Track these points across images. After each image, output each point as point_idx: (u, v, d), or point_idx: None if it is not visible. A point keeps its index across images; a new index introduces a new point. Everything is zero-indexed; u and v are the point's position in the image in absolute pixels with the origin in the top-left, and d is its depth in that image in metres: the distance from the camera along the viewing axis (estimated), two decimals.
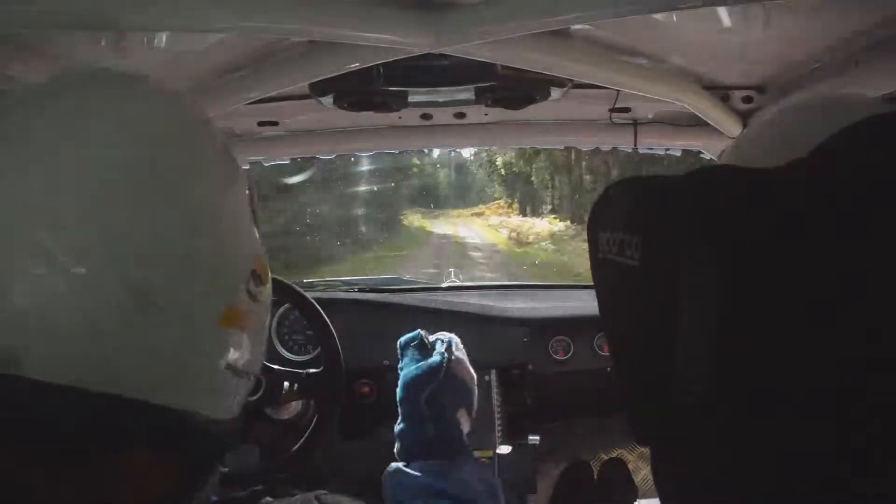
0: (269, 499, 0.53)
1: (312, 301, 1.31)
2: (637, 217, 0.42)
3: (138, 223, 0.43)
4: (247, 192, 0.53)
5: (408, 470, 0.80)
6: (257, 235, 0.53)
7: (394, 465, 0.83)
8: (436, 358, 0.88)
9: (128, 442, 0.45)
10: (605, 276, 0.46)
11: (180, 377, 0.45)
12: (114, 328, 0.41)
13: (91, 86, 0.48)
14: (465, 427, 0.87)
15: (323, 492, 0.54)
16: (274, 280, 1.27)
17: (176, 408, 0.45)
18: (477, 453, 1.61)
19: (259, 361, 0.53)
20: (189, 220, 0.45)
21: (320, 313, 1.29)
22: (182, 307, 0.44)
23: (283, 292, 1.31)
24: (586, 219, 0.49)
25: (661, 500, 0.43)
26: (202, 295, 0.45)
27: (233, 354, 0.48)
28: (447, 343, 0.93)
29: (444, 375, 0.87)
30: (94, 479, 0.44)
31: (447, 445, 0.83)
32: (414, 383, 0.87)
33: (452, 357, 0.90)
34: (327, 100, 1.18)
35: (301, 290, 1.25)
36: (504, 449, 1.58)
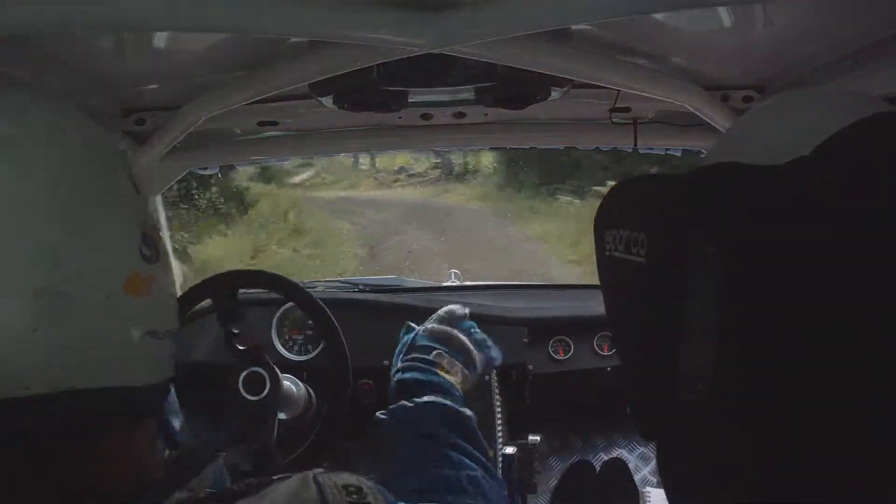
0: (258, 479, 0.54)
1: (316, 298, 1.31)
2: (644, 215, 0.42)
3: (30, 231, 0.44)
4: (123, 165, 0.54)
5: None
6: (145, 206, 0.55)
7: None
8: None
9: (77, 433, 0.46)
10: (611, 273, 0.46)
11: (106, 357, 0.47)
12: (31, 330, 0.43)
13: None
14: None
15: (319, 470, 0.55)
16: (276, 276, 1.27)
17: (110, 386, 0.46)
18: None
19: (174, 318, 0.55)
20: (71, 218, 0.47)
21: (324, 309, 1.29)
22: (86, 290, 0.46)
23: (284, 289, 1.31)
24: None
25: (667, 494, 0.43)
26: (100, 274, 0.47)
27: (147, 319, 0.50)
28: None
29: None
30: (54, 476, 0.45)
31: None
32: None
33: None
34: (327, 100, 1.18)
35: (303, 287, 1.25)
36: (510, 449, 1.58)
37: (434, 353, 0.93)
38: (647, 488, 1.66)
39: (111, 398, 0.47)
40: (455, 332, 0.99)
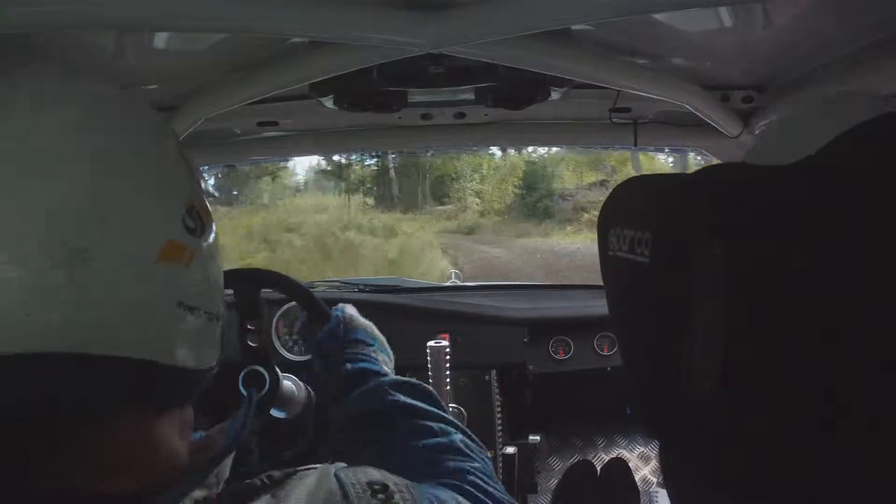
0: (282, 471, 0.52)
1: (309, 291, 1.31)
2: (648, 214, 0.42)
3: (62, 188, 0.44)
4: (177, 147, 0.53)
5: None
6: (193, 185, 0.53)
7: None
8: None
9: (99, 400, 0.45)
10: (614, 272, 0.46)
11: (131, 323, 0.45)
12: (54, 287, 0.42)
13: (22, 67, 0.50)
14: None
15: (342, 464, 0.53)
16: (268, 272, 1.26)
17: (135, 357, 0.45)
18: None
19: (217, 300, 0.53)
20: (109, 177, 0.46)
21: (318, 302, 1.29)
22: (116, 252, 0.44)
23: (278, 283, 1.31)
24: None
25: (669, 494, 0.43)
26: (134, 237, 0.46)
27: (180, 289, 0.48)
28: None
29: None
30: (74, 442, 0.44)
31: None
32: None
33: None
34: (327, 100, 1.18)
35: (295, 280, 1.25)
36: (510, 449, 1.58)
37: (371, 349, 0.97)
38: (656, 488, 1.67)
39: (130, 370, 0.44)
40: (375, 329, 1.04)
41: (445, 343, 1.42)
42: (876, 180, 0.32)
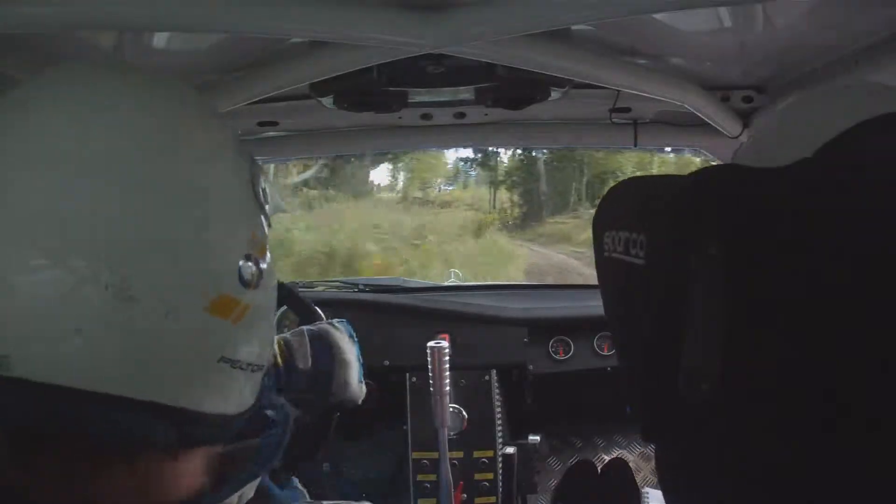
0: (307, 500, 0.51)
1: (310, 302, 1.31)
2: (643, 216, 0.42)
3: (115, 220, 0.42)
4: (249, 174, 0.50)
5: None
6: (263, 218, 0.50)
7: None
8: None
9: (123, 441, 0.43)
10: (610, 274, 0.46)
11: (169, 372, 0.43)
12: (93, 325, 0.40)
13: (69, 82, 0.47)
14: None
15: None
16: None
17: (168, 404, 0.43)
18: (478, 453, 1.62)
19: (266, 351, 0.50)
20: (168, 214, 0.43)
21: (311, 307, 1.29)
22: (163, 299, 0.42)
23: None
24: None
25: (665, 494, 0.43)
26: (184, 286, 0.43)
27: (226, 346, 0.45)
28: None
29: None
30: (92, 478, 0.44)
31: None
32: None
33: None
34: (327, 100, 1.18)
35: (291, 287, 1.24)
36: (510, 449, 1.58)
37: None
38: (646, 488, 1.67)
39: (160, 415, 0.43)
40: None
41: (445, 343, 1.43)
42: (875, 180, 0.32)
